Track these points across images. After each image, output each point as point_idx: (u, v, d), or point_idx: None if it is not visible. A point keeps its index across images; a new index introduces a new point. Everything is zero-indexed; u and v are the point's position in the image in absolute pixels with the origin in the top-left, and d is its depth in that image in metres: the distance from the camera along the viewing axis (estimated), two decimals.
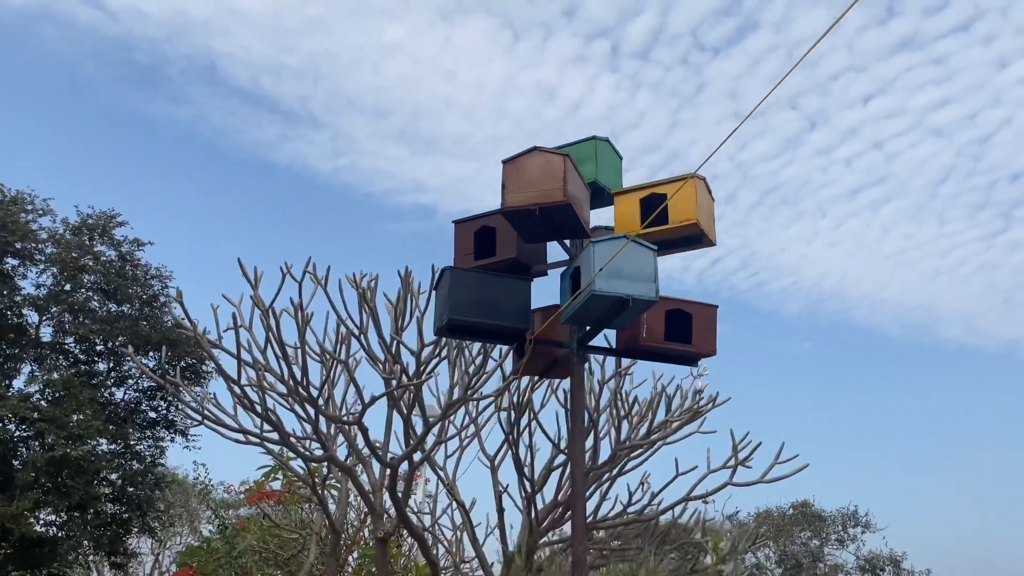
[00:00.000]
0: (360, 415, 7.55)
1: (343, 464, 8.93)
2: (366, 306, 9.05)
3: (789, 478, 9.13)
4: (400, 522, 8.21)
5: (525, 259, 5.44)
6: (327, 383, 9.50)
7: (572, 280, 4.92)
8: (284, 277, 9.34)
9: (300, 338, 8.52)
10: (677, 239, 5.07)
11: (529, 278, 5.30)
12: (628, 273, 4.61)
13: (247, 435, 9.11)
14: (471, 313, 4.97)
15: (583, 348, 5.28)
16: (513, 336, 5.22)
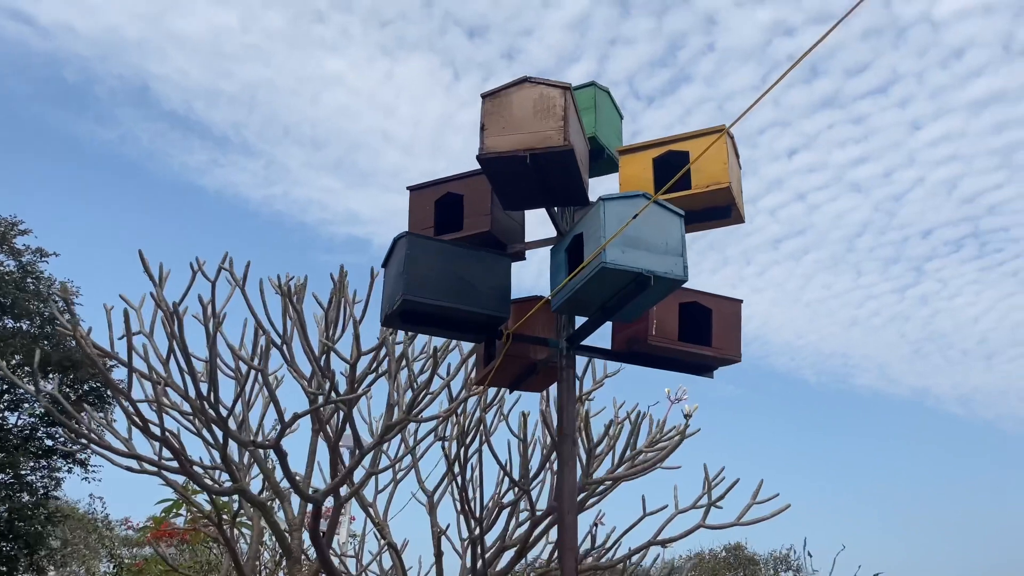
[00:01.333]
0: (278, 438, 6.19)
1: (255, 498, 7.49)
2: (291, 310, 7.69)
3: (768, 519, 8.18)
4: (321, 566, 6.79)
5: (501, 234, 4.25)
6: (241, 401, 8.06)
7: (569, 254, 3.74)
8: (194, 275, 7.92)
9: (210, 346, 7.11)
10: (700, 210, 3.95)
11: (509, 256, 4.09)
12: (649, 243, 3.46)
13: (141, 462, 7.60)
14: (434, 294, 3.74)
15: (574, 348, 4.09)
16: (485, 328, 3.99)
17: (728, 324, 4.17)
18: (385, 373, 7.17)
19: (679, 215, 3.58)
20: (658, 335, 4.02)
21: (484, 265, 3.89)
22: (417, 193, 4.54)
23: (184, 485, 9.74)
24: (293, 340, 7.86)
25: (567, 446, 3.89)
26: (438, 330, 3.93)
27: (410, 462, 9.03)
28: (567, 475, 3.85)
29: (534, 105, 3.68)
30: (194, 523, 12.03)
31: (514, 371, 4.52)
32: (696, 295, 4.16)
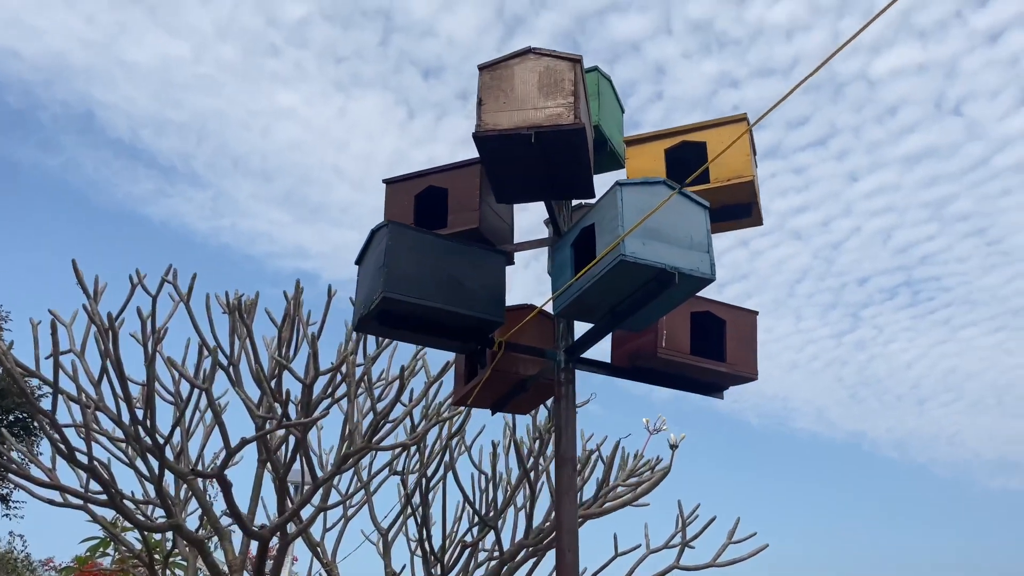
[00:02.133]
0: (222, 466, 5.53)
1: (192, 535, 6.75)
2: (241, 326, 7.04)
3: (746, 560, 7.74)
4: None
5: (489, 234, 3.76)
6: (180, 428, 7.34)
7: (576, 250, 3.26)
8: (133, 289, 7.24)
9: (148, 364, 6.43)
10: (718, 207, 3.52)
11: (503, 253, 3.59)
12: (671, 236, 3.01)
13: (66, 494, 6.83)
14: (418, 292, 3.21)
15: (574, 361, 3.60)
16: (475, 334, 3.47)
17: (743, 338, 3.73)
18: (343, 397, 6.57)
19: (704, 207, 3.14)
20: (668, 347, 3.56)
21: (475, 263, 3.39)
22: (394, 187, 4.03)
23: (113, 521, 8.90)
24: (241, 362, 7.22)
25: (567, 473, 3.38)
26: (420, 336, 3.40)
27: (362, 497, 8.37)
28: (567, 507, 3.33)
29: (539, 79, 3.22)
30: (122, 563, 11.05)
31: (500, 389, 4.00)
32: (709, 304, 3.72)
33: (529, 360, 3.91)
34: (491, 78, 3.26)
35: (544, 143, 3.17)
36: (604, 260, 2.95)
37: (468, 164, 3.89)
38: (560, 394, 3.51)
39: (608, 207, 3.03)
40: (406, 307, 3.23)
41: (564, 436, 3.42)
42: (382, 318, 3.28)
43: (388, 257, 3.19)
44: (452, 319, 3.33)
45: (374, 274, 3.27)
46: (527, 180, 3.44)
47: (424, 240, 3.32)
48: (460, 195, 3.82)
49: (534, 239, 3.93)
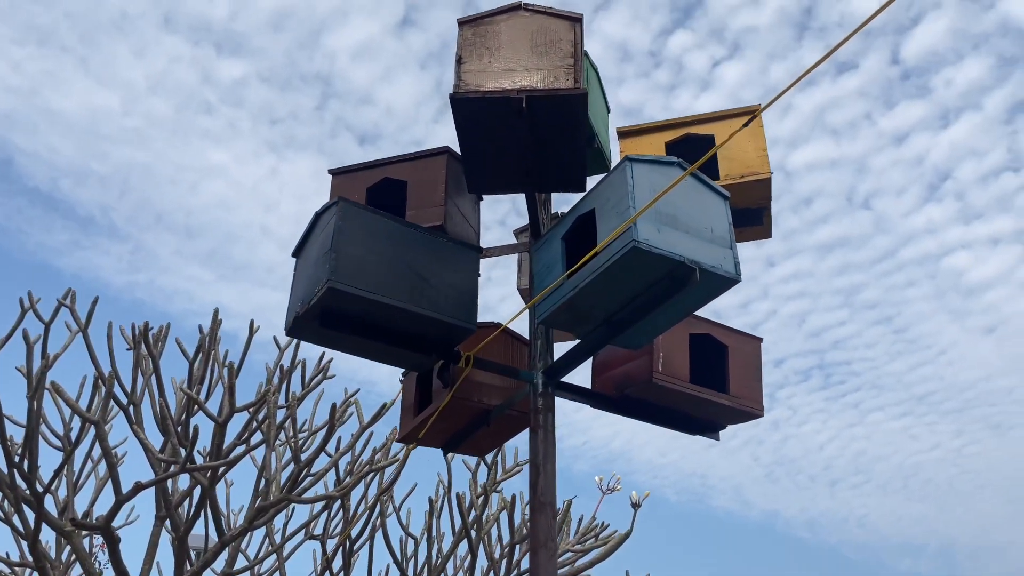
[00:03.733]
0: (109, 516, 4.66)
1: None
2: (146, 360, 6.19)
3: None
4: None
5: (454, 235, 3.16)
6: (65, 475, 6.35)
7: (568, 243, 2.69)
8: (24, 313, 6.35)
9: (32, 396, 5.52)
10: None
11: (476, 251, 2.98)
12: (690, 225, 2.47)
13: None
14: (373, 286, 2.57)
15: (554, 385, 2.98)
16: (437, 345, 2.83)
17: (748, 367, 3.20)
18: (260, 444, 5.76)
19: (724, 196, 2.63)
20: (665, 373, 2.99)
21: (444, 257, 2.78)
22: (342, 178, 3.42)
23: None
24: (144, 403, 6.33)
25: (544, 521, 2.73)
26: (370, 343, 2.74)
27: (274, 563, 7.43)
28: (543, 562, 2.67)
29: (532, 39, 2.70)
30: None
31: (458, 422, 3.35)
32: (709, 326, 3.19)
33: (494, 387, 3.28)
34: (473, 34, 2.72)
35: (536, 112, 2.62)
36: (609, 248, 2.38)
37: (432, 154, 3.32)
38: (537, 424, 2.88)
39: (614, 187, 2.49)
40: (356, 304, 2.59)
41: (542, 475, 2.79)
42: (325, 317, 2.62)
43: (337, 239, 2.56)
44: (412, 323, 2.69)
45: (317, 261, 2.63)
46: (507, 163, 2.88)
47: (383, 224, 2.70)
48: (421, 189, 3.23)
49: (508, 244, 3.35)
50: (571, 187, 2.97)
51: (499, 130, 2.72)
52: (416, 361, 2.88)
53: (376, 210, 2.70)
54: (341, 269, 2.53)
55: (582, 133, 2.74)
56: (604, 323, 2.67)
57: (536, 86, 2.59)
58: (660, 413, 3.18)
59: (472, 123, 2.69)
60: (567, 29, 2.70)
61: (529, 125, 2.67)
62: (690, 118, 3.15)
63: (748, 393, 3.16)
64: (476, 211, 3.50)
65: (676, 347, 3.06)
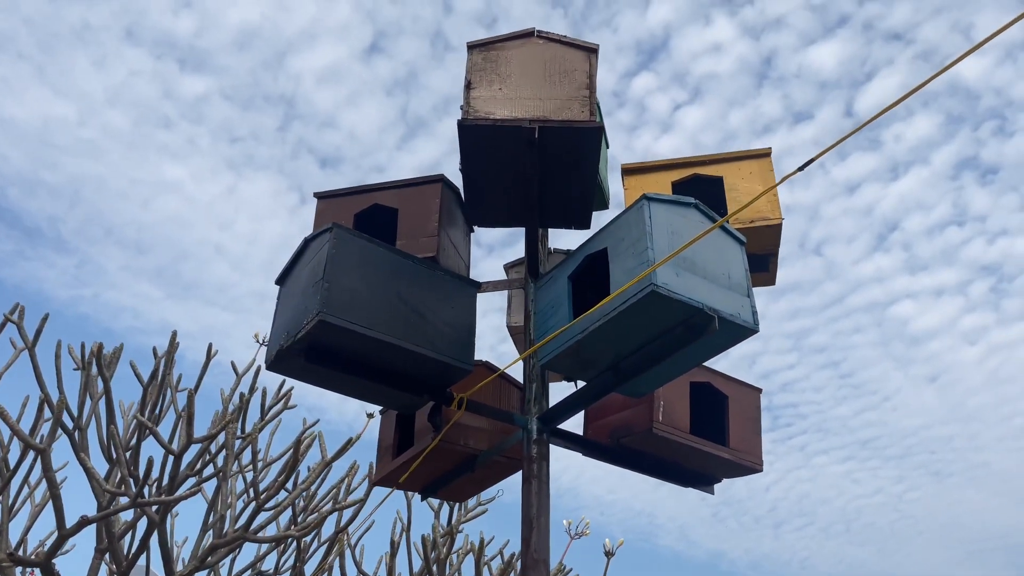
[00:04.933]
0: (51, 551, 4.31)
1: None
2: (95, 382, 5.85)
3: None
4: None
5: (449, 263, 2.99)
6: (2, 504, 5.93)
7: (576, 283, 2.54)
8: None
9: None
10: None
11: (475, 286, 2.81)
12: (707, 271, 2.34)
13: None
14: (366, 320, 2.39)
15: (549, 432, 2.81)
16: (429, 386, 2.64)
17: (747, 419, 3.07)
18: (214, 475, 5.44)
19: (741, 242, 2.51)
20: (665, 423, 2.84)
21: (442, 292, 2.60)
22: (329, 202, 3.23)
23: None
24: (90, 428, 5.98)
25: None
26: (357, 381, 2.54)
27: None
28: None
29: (545, 67, 2.57)
30: None
31: (441, 466, 3.15)
32: (710, 374, 3.05)
33: (482, 431, 3.10)
34: (483, 59, 2.58)
35: (547, 143, 2.48)
36: (625, 292, 2.24)
37: (426, 181, 3.15)
38: (531, 473, 2.70)
39: (631, 226, 2.35)
40: (346, 338, 2.39)
41: (535, 530, 2.60)
42: (311, 352, 2.42)
43: (330, 268, 2.37)
44: (406, 361, 2.51)
45: (306, 292, 2.43)
46: (511, 195, 2.73)
47: (379, 254, 2.51)
48: (414, 218, 3.06)
49: (502, 280, 3.19)
50: (575, 223, 2.83)
51: (506, 159, 2.57)
52: (406, 401, 2.68)
53: (372, 239, 2.52)
54: (333, 300, 2.34)
55: (594, 168, 2.61)
56: (609, 369, 2.52)
57: (549, 116, 2.46)
58: (656, 465, 3.02)
59: (479, 150, 2.54)
60: (583, 59, 2.58)
61: (539, 156, 2.53)
62: (699, 158, 3.04)
63: (748, 447, 3.02)
64: (467, 244, 3.34)
65: (677, 396, 2.92)
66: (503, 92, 2.50)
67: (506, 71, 2.54)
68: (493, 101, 2.49)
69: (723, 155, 3.02)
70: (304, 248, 2.61)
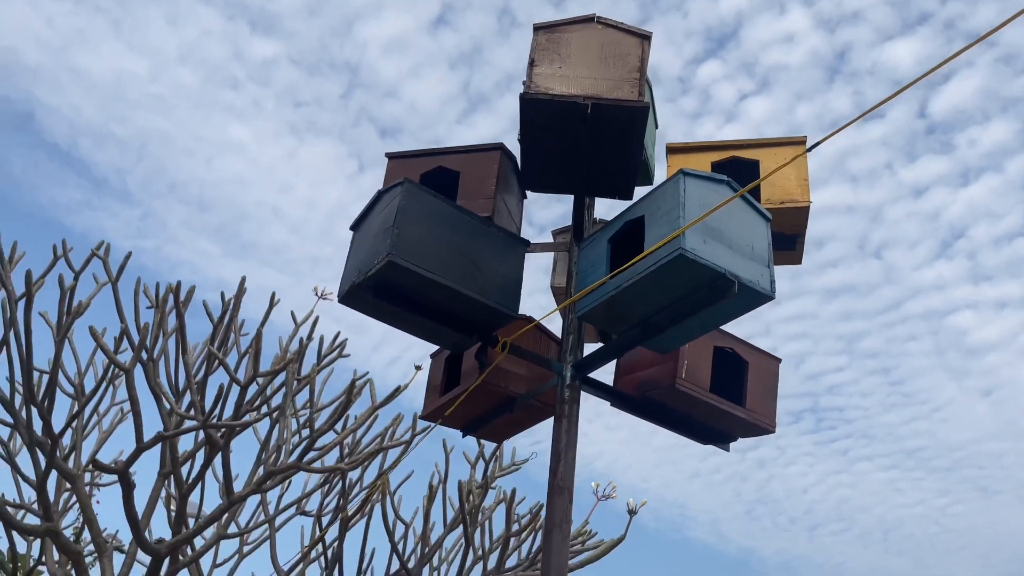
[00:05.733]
0: (129, 461, 4.80)
1: (69, 545, 5.88)
2: (168, 320, 6.34)
3: None
4: None
5: (502, 223, 3.32)
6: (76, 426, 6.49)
7: (615, 245, 2.85)
8: (56, 260, 6.51)
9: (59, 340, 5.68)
10: None
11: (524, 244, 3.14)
12: (733, 241, 2.63)
13: None
14: (429, 264, 2.73)
15: (582, 377, 3.14)
16: (479, 328, 2.99)
17: (765, 385, 3.35)
18: (275, 410, 5.89)
19: (767, 218, 2.79)
20: (688, 380, 3.14)
21: (495, 246, 2.94)
22: (399, 162, 3.58)
23: None
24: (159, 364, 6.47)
25: (561, 504, 2.88)
26: (416, 318, 2.90)
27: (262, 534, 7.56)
28: (557, 543, 2.82)
29: (601, 50, 2.86)
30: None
31: (482, 406, 3.50)
32: (733, 341, 3.34)
33: (520, 376, 3.44)
34: (547, 40, 2.88)
35: (598, 119, 2.79)
36: (657, 253, 2.54)
37: (486, 148, 3.48)
38: (562, 413, 3.03)
39: (666, 196, 2.64)
40: (408, 280, 2.74)
41: (563, 462, 2.94)
42: (379, 288, 2.78)
43: (400, 218, 2.72)
44: (459, 304, 2.85)
45: (377, 236, 2.79)
46: (563, 165, 3.04)
47: (442, 209, 2.86)
48: (473, 180, 3.39)
49: (548, 242, 3.51)
50: (619, 194, 3.14)
51: (561, 132, 2.88)
52: (456, 340, 3.04)
53: (438, 195, 2.86)
54: (401, 245, 2.69)
55: (638, 144, 2.90)
56: (639, 324, 2.83)
57: (602, 95, 2.76)
58: (676, 419, 3.33)
59: (537, 122, 2.86)
60: (636, 45, 2.87)
61: (590, 131, 2.83)
62: (738, 142, 3.31)
63: (763, 409, 3.31)
64: (520, 208, 3.66)
65: (700, 357, 3.21)
66: (562, 71, 2.81)
67: (566, 52, 2.85)
68: (553, 78, 2.80)
69: (761, 140, 3.28)
70: (377, 199, 2.96)
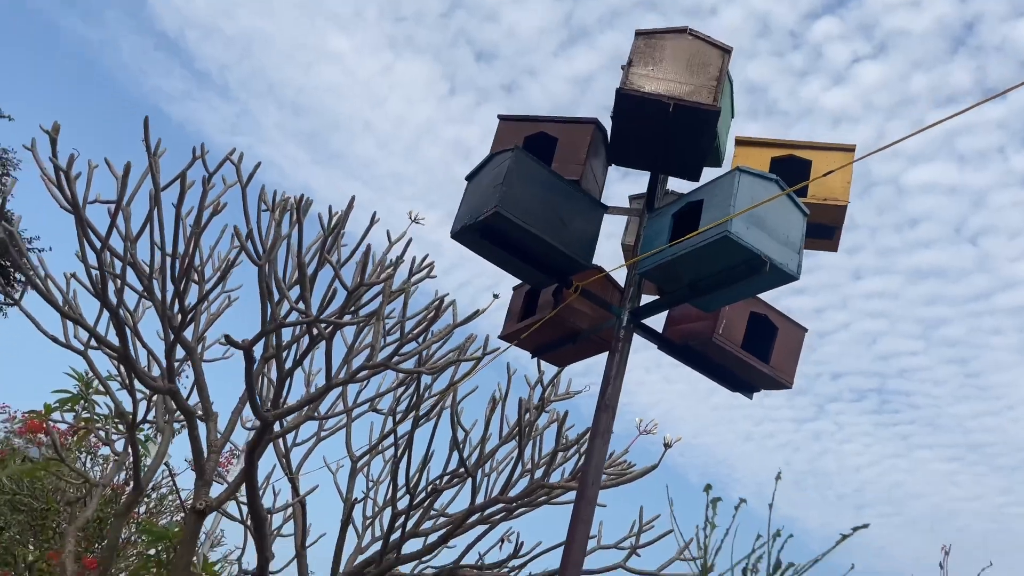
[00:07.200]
0: (254, 340, 5.73)
1: (186, 405, 6.93)
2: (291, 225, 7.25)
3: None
4: (249, 495, 6.30)
5: (588, 186, 4.00)
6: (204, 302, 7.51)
7: (677, 219, 3.52)
8: (193, 161, 7.42)
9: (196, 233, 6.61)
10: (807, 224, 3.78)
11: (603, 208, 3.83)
12: (772, 229, 3.27)
13: (79, 325, 6.86)
14: (525, 217, 3.45)
15: (636, 322, 3.85)
16: (558, 272, 3.72)
17: (790, 348, 4.00)
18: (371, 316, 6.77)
19: (804, 213, 3.40)
20: (724, 336, 3.82)
21: (580, 207, 3.64)
22: (508, 124, 4.27)
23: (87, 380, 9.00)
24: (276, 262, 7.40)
25: (606, 417, 3.63)
26: (508, 258, 3.64)
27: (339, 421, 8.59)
28: (598, 448, 3.59)
29: (688, 59, 3.48)
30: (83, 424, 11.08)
31: (551, 335, 4.25)
32: (768, 309, 3.99)
33: (585, 315, 4.16)
34: (645, 45, 3.51)
35: (678, 116, 3.42)
36: (707, 232, 3.20)
37: (583, 121, 4.13)
38: (616, 348, 3.76)
39: (723, 187, 3.29)
40: (510, 228, 3.47)
41: (611, 385, 3.68)
42: (485, 231, 3.51)
43: (508, 177, 3.43)
44: (545, 252, 3.57)
45: (489, 189, 3.51)
46: (645, 148, 3.69)
47: (542, 173, 3.56)
48: (569, 147, 4.06)
49: (623, 207, 4.18)
50: (688, 176, 3.78)
51: (647, 122, 3.52)
52: (539, 279, 3.77)
53: (539, 161, 3.56)
54: (507, 200, 3.40)
55: (709, 138, 3.53)
56: (688, 286, 3.51)
57: (684, 97, 3.38)
58: (710, 365, 4.02)
59: (628, 112, 3.51)
60: (718, 56, 3.47)
61: (671, 125, 3.47)
62: (797, 142, 3.89)
63: (785, 368, 3.97)
64: (604, 175, 4.32)
65: (737, 318, 3.88)
66: (654, 72, 3.43)
67: (659, 56, 3.47)
68: (645, 78, 3.43)
69: (816, 143, 3.85)
70: (490, 158, 3.67)
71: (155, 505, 11.30)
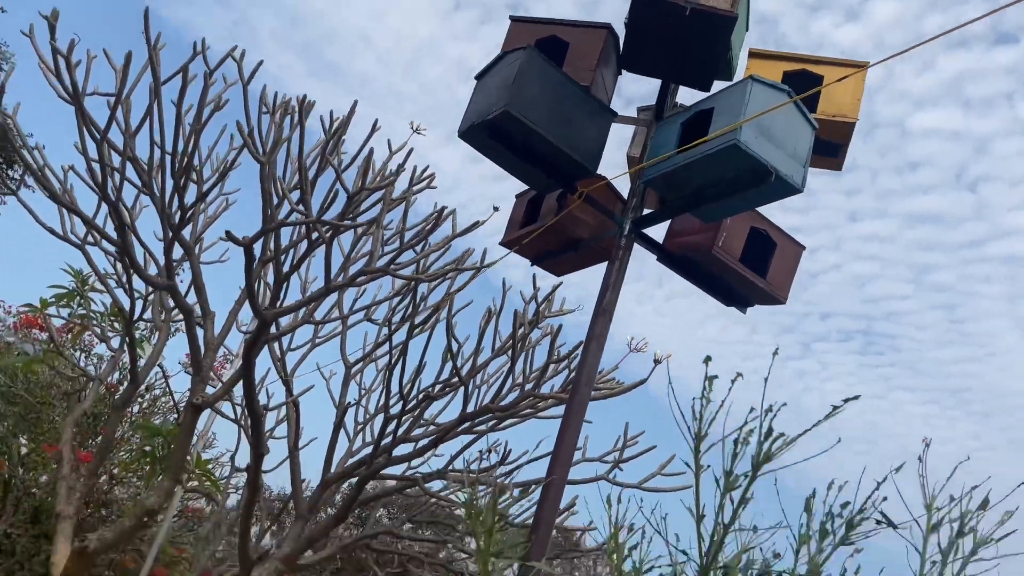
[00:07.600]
0: (254, 238, 5.75)
1: (184, 303, 6.98)
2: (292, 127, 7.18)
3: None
4: (246, 391, 6.41)
5: (598, 93, 3.97)
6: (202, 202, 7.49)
7: (685, 128, 3.51)
8: (193, 56, 7.29)
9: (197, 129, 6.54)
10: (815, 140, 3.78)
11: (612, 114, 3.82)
12: (780, 140, 3.27)
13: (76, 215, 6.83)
14: (535, 118, 3.44)
15: (637, 232, 3.88)
16: (563, 176, 3.72)
17: (787, 265, 4.05)
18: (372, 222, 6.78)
19: (813, 126, 3.40)
20: (723, 248, 3.86)
21: (590, 112, 3.62)
22: (520, 25, 4.20)
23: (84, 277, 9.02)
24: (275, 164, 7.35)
25: (602, 322, 3.70)
26: (516, 159, 3.64)
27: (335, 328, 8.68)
28: (593, 352, 3.66)
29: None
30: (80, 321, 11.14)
31: (552, 243, 4.29)
32: (768, 225, 4.02)
33: (587, 224, 4.19)
34: None
35: (694, 21, 3.38)
36: (716, 140, 3.21)
37: (596, 26, 4.07)
38: (616, 257, 3.80)
39: (735, 95, 3.28)
40: (518, 128, 3.46)
41: (610, 292, 3.73)
42: (493, 130, 3.50)
43: (519, 77, 3.40)
44: (552, 154, 3.57)
45: (498, 88, 3.49)
46: (658, 54, 3.65)
47: (553, 74, 3.53)
48: (580, 52, 4.01)
49: (631, 116, 4.16)
50: (699, 85, 3.76)
51: (663, 27, 3.48)
52: (544, 183, 3.78)
53: (552, 62, 3.52)
54: (516, 99, 3.39)
55: (723, 46, 3.50)
56: (693, 193, 3.53)
57: (702, 3, 3.34)
58: (708, 277, 4.07)
59: (645, 17, 3.46)
60: None
61: (687, 30, 3.43)
62: (810, 56, 3.85)
63: (780, 284, 4.03)
64: (614, 83, 4.29)
65: (737, 232, 3.91)
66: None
67: None
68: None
69: (829, 59, 3.82)
70: (501, 57, 3.63)
71: (148, 405, 11.49)
